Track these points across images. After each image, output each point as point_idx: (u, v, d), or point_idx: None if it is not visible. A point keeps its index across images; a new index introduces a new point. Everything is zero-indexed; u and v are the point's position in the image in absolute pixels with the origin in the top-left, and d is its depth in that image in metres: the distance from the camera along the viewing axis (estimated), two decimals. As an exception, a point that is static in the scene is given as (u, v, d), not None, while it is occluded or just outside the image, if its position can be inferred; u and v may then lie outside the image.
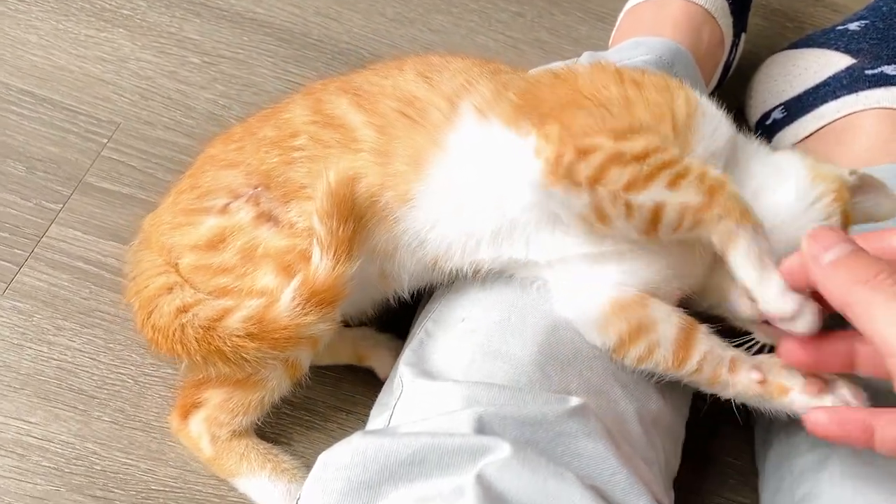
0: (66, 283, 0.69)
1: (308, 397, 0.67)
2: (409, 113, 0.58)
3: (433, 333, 0.61)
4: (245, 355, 0.55)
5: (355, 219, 0.55)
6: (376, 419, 0.58)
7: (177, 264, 0.61)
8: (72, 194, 0.73)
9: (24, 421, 0.63)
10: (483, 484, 0.43)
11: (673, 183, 0.49)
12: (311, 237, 0.56)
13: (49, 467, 0.61)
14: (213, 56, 0.86)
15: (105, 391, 0.65)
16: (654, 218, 0.50)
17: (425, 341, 0.60)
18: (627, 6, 0.86)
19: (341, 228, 0.54)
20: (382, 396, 0.62)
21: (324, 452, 0.49)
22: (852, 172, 0.57)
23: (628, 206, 0.50)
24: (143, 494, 0.62)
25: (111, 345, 0.67)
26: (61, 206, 0.73)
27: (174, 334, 0.57)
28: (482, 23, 0.98)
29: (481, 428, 0.46)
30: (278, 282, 0.57)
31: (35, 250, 0.70)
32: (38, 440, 0.62)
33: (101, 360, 0.66)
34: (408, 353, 0.60)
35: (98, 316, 0.68)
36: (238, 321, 0.55)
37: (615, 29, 0.88)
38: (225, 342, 0.55)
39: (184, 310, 0.58)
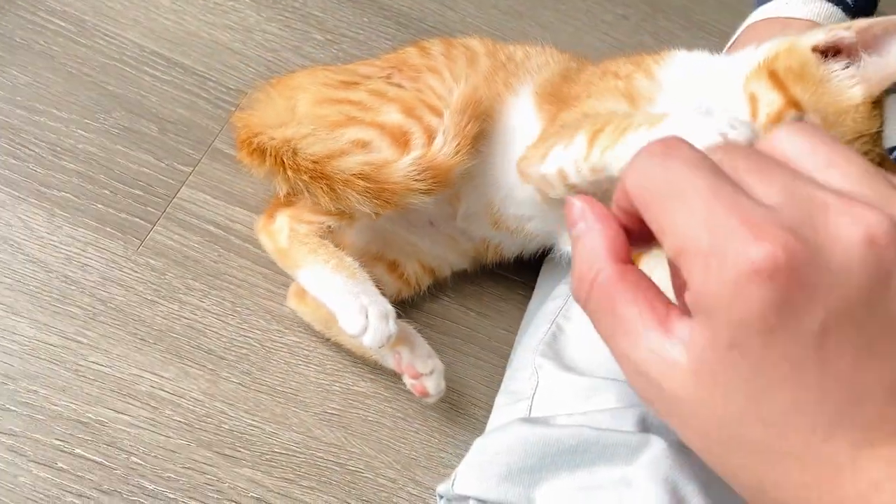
0: (196, 245, 0.71)
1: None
2: (508, 66, 0.69)
3: (565, 329, 0.63)
4: (349, 193, 0.59)
5: (480, 120, 0.62)
6: (510, 407, 0.59)
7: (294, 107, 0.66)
8: (201, 158, 0.75)
9: (157, 375, 0.65)
10: (653, 473, 0.44)
11: (567, 146, 0.55)
12: (435, 98, 0.64)
13: (180, 422, 0.63)
14: (335, 34, 0.87)
15: (233, 353, 0.67)
16: (563, 180, 0.56)
17: (558, 336, 0.62)
18: (748, 21, 0.87)
19: (468, 125, 0.60)
20: (509, 384, 0.64)
21: (480, 438, 0.51)
22: (847, 27, 0.52)
23: (544, 179, 0.58)
24: (268, 456, 0.64)
25: (238, 309, 0.69)
26: (192, 168, 0.74)
27: (282, 156, 0.61)
28: (588, 22, 1.00)
29: (645, 427, 0.48)
30: (402, 120, 0.63)
31: (167, 210, 0.72)
32: (170, 395, 0.64)
33: (228, 322, 0.68)
34: (541, 346, 0.62)
35: (226, 280, 0.70)
36: (356, 163, 0.59)
37: (732, 41, 0.89)
38: (336, 173, 0.59)
39: (298, 138, 0.61)
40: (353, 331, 0.59)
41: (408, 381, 0.65)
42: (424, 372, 0.64)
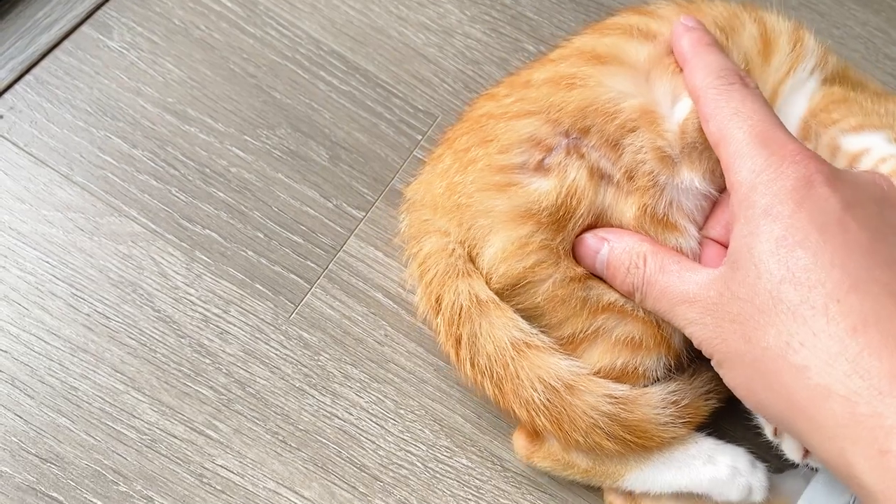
0: (359, 318, 0.56)
1: None
2: None
3: None
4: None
5: None
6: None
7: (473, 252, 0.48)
8: (376, 201, 0.60)
9: (297, 493, 0.51)
10: None
11: None
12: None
13: (318, 560, 0.50)
14: (549, 46, 0.69)
15: (390, 473, 0.53)
16: None
17: None
18: None
19: None
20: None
21: None
22: None
23: None
24: None
25: (402, 411, 0.54)
26: (364, 214, 0.59)
27: (508, 384, 0.47)
28: (867, 53, 0.78)
29: None
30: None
31: (329, 267, 0.57)
32: (310, 522, 0.51)
33: (389, 429, 0.54)
34: None
35: (391, 369, 0.55)
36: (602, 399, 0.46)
37: None
38: (581, 420, 0.46)
39: (524, 346, 0.46)
40: (739, 496, 0.47)
41: None
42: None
